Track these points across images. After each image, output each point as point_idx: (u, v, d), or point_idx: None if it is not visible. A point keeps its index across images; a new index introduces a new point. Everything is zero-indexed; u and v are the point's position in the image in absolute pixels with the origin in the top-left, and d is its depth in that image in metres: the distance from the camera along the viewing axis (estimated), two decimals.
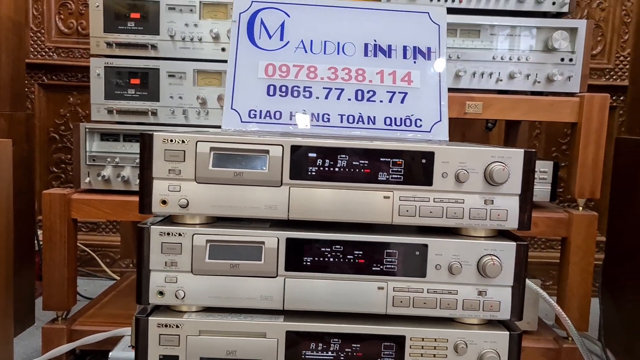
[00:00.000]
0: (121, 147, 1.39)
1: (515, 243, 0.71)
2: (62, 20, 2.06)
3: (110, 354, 1.12)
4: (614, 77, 2.08)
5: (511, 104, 1.36)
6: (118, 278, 2.02)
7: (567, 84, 1.37)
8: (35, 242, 1.68)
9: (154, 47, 1.38)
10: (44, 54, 2.08)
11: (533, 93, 1.41)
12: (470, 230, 0.73)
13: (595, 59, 2.07)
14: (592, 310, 1.43)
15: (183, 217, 0.72)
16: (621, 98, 2.07)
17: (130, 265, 2.09)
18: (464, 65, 1.36)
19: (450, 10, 1.37)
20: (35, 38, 2.06)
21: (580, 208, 1.40)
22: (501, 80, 1.37)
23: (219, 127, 0.86)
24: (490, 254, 0.71)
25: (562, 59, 1.37)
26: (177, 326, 0.71)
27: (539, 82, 1.37)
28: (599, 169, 1.37)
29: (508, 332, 0.72)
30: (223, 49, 1.38)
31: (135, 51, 1.39)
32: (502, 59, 1.36)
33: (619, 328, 1.60)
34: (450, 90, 1.39)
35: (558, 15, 1.41)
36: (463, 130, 2.05)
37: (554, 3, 1.36)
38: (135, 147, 1.39)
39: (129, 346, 1.14)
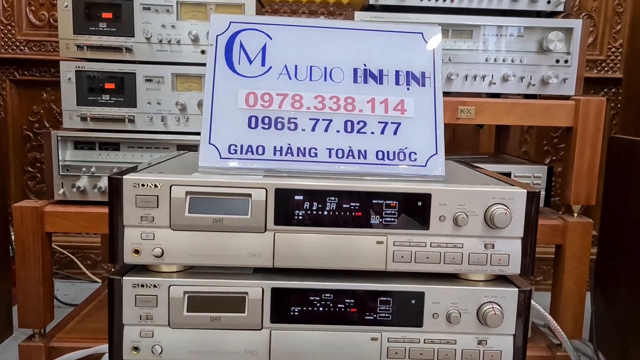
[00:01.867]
0: (97, 156, 1.32)
1: (517, 289, 0.67)
2: (33, 12, 1.95)
3: None
4: (606, 69, 2.03)
5: (505, 109, 1.31)
6: (99, 281, 1.97)
7: (562, 87, 1.32)
8: (10, 248, 1.61)
9: (129, 50, 1.30)
10: (14, 47, 1.97)
11: (527, 96, 1.36)
12: (470, 275, 0.68)
13: (587, 50, 2.01)
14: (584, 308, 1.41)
15: (158, 265, 0.66)
16: (612, 90, 2.03)
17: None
18: (456, 68, 1.30)
19: (442, 10, 1.31)
20: (6, 31, 1.96)
21: (575, 214, 1.36)
22: (494, 83, 1.31)
23: (199, 133, 0.79)
24: (491, 301, 0.66)
25: (557, 61, 1.31)
26: None
27: (533, 84, 1.31)
28: (594, 175, 1.32)
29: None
30: (203, 52, 1.30)
31: (109, 54, 1.30)
32: (495, 60, 1.30)
33: (611, 328, 1.58)
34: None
35: (552, 14, 1.34)
36: (454, 126, 1.99)
37: (548, 2, 1.30)
38: (112, 156, 1.32)
39: None
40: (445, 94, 1.33)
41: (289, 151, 0.69)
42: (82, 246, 2.07)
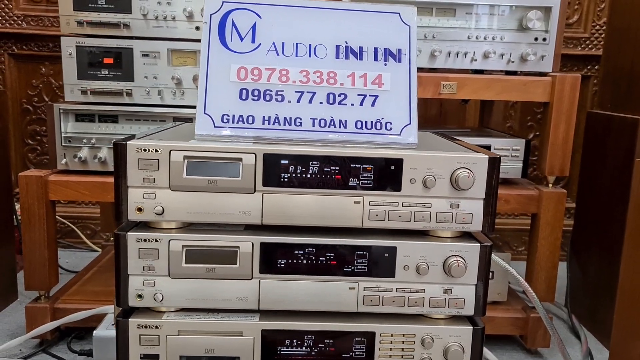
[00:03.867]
0: (97, 128, 1.39)
1: (479, 244, 0.75)
2: None
3: (94, 332, 1.15)
4: (590, 47, 2.09)
5: (485, 84, 1.38)
6: (99, 250, 2.05)
7: (540, 64, 1.39)
8: (14, 216, 1.68)
9: (126, 26, 1.36)
10: (12, 22, 2.02)
11: (507, 72, 1.43)
12: (437, 231, 0.76)
13: (572, 27, 2.07)
14: (560, 274, 1.49)
15: (159, 222, 0.74)
16: (596, 67, 2.10)
17: (111, 238, 2.11)
18: (439, 45, 1.36)
19: None
20: (3, 6, 2.00)
21: (550, 185, 1.44)
22: (476, 60, 1.38)
23: (194, 107, 0.85)
24: (455, 255, 0.74)
25: (536, 39, 1.38)
26: (157, 327, 0.74)
27: (512, 61, 1.38)
28: (568, 147, 1.40)
29: (471, 327, 0.76)
30: (197, 28, 1.36)
31: (107, 30, 1.36)
32: (477, 38, 1.37)
33: (584, 293, 1.67)
34: (425, 70, 1.40)
35: None
36: (440, 101, 2.06)
37: None
38: (111, 128, 1.39)
39: (112, 324, 1.18)
40: (429, 70, 1.40)
41: (277, 121, 0.76)
42: (82, 217, 2.14)
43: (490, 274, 1.49)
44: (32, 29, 2.01)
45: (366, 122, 0.77)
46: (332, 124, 0.77)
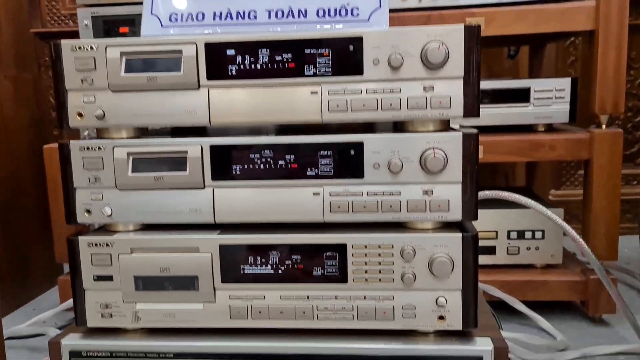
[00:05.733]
0: None
1: (461, 132, 0.63)
2: None
3: None
4: None
5: (516, 16, 1.23)
6: None
7: None
8: None
9: None
10: (60, 22, 2.10)
11: (543, 1, 1.27)
12: (410, 124, 0.65)
13: None
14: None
15: (103, 131, 0.68)
16: None
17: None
18: None
19: None
20: (50, 7, 2.09)
21: (604, 126, 1.26)
22: None
23: None
24: (432, 148, 0.63)
25: None
26: (108, 244, 0.68)
27: None
28: (621, 78, 1.22)
29: (460, 234, 0.64)
30: None
31: None
32: None
33: None
34: (448, 8, 1.28)
35: None
36: (488, 62, 1.91)
37: None
38: None
39: None
40: (452, 7, 1.28)
41: (229, 16, 0.69)
42: None
43: (541, 233, 1.33)
44: (77, 27, 2.07)
45: (329, 9, 0.68)
46: (290, 14, 0.68)
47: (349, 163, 0.65)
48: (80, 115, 0.66)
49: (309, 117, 0.64)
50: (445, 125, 0.65)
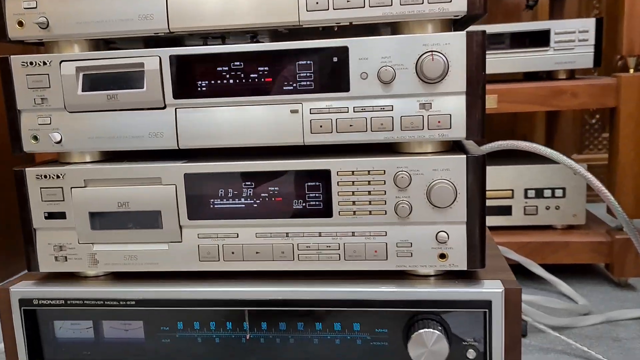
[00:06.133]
0: None
1: (464, 32, 0.52)
2: None
3: None
4: None
5: None
6: None
7: None
8: None
9: None
10: None
11: None
12: (405, 27, 0.55)
13: None
14: None
15: (49, 45, 0.59)
16: None
17: None
18: None
19: None
20: None
21: (631, 70, 1.15)
22: None
23: None
24: (431, 50, 0.52)
25: None
26: (59, 176, 0.59)
27: None
28: None
29: (464, 155, 0.54)
30: None
31: None
32: None
33: None
34: None
35: None
36: (504, 16, 1.78)
37: None
38: None
39: None
40: None
41: None
42: None
43: (562, 191, 1.22)
44: None
45: None
46: None
47: (331, 73, 0.55)
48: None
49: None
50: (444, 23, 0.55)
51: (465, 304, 0.54)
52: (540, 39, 1.20)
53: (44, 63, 0.58)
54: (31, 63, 0.58)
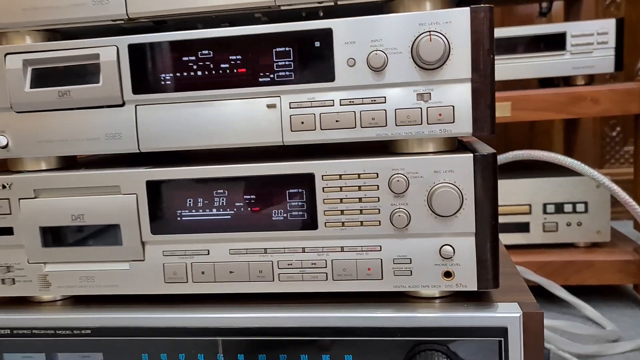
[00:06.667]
0: None
1: (468, 8, 0.44)
2: None
3: None
4: None
5: None
6: None
7: None
8: None
9: None
10: None
11: None
12: (400, 5, 0.47)
13: None
14: None
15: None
16: None
17: None
18: None
19: None
20: None
21: None
22: None
23: None
24: (428, 30, 0.44)
25: None
26: (5, 186, 0.52)
27: None
28: None
29: (471, 154, 0.45)
30: None
31: None
32: None
33: None
34: None
35: None
36: (517, 23, 1.71)
37: None
38: None
39: None
40: None
41: None
42: None
43: (584, 205, 1.12)
44: None
45: None
46: None
47: (313, 61, 0.47)
48: None
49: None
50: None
51: (476, 332, 0.45)
52: (556, 43, 1.12)
53: None
54: None
